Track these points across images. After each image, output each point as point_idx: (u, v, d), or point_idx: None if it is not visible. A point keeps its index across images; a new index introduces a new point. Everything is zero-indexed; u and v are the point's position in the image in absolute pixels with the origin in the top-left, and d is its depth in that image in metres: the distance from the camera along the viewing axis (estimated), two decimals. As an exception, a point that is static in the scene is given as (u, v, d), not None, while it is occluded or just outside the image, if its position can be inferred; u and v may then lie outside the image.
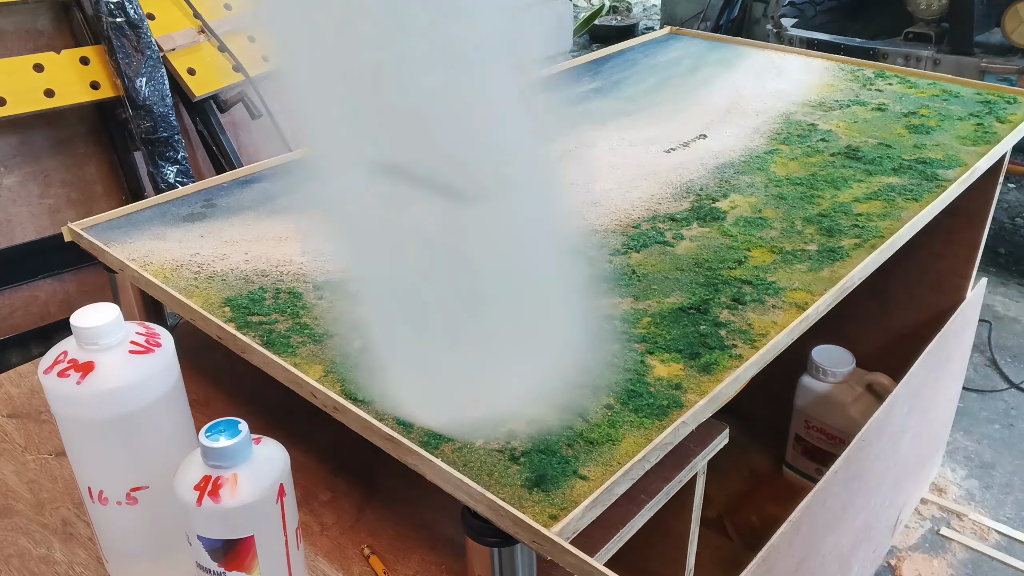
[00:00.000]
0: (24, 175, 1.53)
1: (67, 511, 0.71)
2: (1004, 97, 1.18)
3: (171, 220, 0.91)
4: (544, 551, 0.52)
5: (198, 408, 0.64)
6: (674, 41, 1.46)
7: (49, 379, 0.55)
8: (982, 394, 1.91)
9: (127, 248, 0.85)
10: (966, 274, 1.28)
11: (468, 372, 0.61)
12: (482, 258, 0.58)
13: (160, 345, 0.58)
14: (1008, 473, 1.67)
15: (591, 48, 4.20)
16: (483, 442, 0.59)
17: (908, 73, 1.28)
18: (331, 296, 0.77)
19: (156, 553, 0.61)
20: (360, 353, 0.66)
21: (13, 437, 0.80)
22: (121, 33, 1.52)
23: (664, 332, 0.70)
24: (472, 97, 0.53)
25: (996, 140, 1.04)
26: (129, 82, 1.53)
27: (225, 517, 0.51)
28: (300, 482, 0.68)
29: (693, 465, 0.69)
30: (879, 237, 0.84)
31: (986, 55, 2.37)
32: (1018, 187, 2.75)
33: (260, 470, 0.52)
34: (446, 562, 0.64)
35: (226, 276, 0.80)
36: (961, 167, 0.97)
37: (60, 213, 1.56)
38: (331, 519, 0.69)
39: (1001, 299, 2.27)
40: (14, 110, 1.43)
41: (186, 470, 0.52)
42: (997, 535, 1.52)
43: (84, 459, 0.58)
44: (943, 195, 0.91)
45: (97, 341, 0.55)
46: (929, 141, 1.05)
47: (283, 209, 0.93)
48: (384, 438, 0.59)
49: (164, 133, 1.58)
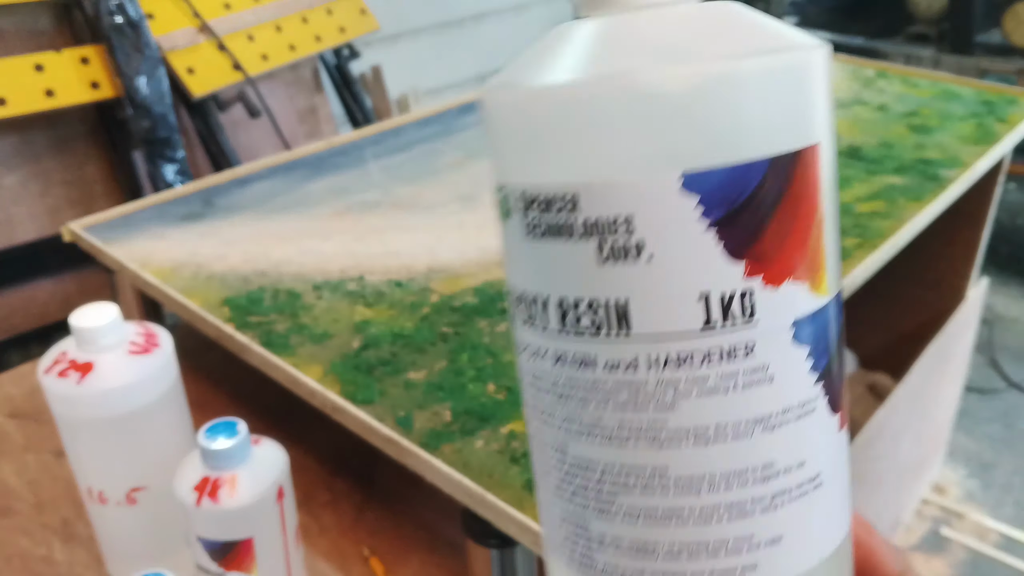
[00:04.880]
0: (24, 175, 1.53)
1: (67, 511, 0.71)
2: (1004, 97, 1.17)
3: (170, 220, 0.91)
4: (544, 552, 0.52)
5: (197, 408, 0.64)
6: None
7: (49, 379, 0.55)
8: (982, 394, 1.91)
9: (126, 248, 0.85)
10: (966, 274, 1.28)
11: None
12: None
13: (159, 345, 0.58)
14: (1008, 473, 1.67)
15: (591, 48, 4.19)
16: (483, 443, 0.59)
17: (909, 73, 1.28)
18: (330, 296, 0.77)
19: (156, 553, 0.61)
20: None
21: (13, 437, 0.80)
22: (121, 33, 1.52)
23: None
24: None
25: (996, 140, 1.04)
26: (129, 82, 1.53)
27: (224, 518, 0.51)
28: (299, 483, 0.68)
29: (693, 466, 0.69)
30: (880, 237, 0.83)
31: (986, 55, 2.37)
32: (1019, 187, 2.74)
33: (259, 471, 0.52)
34: (446, 563, 0.64)
35: (225, 276, 0.80)
36: (961, 167, 0.97)
37: (60, 213, 1.56)
38: (330, 520, 0.69)
39: (1002, 299, 2.27)
40: (14, 110, 1.43)
41: (185, 471, 0.52)
42: (997, 535, 1.52)
43: (83, 459, 0.58)
44: (944, 195, 0.91)
45: (96, 341, 0.55)
46: (930, 141, 1.04)
47: (283, 208, 0.93)
48: (384, 439, 0.59)
49: (163, 133, 1.57)
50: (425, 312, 0.74)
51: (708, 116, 0.21)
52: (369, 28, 2.06)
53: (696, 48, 0.22)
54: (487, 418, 0.61)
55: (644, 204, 0.22)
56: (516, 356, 0.26)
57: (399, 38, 2.81)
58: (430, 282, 0.79)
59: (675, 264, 0.22)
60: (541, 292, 0.24)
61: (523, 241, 0.24)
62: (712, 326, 0.22)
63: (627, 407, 0.23)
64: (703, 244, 0.22)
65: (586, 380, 0.24)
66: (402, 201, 0.94)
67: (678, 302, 0.22)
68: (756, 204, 0.22)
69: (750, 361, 0.23)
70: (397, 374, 0.66)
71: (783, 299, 0.23)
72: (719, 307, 0.22)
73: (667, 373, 0.23)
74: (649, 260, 0.22)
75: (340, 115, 2.14)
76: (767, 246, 0.22)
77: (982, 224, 1.22)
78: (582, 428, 0.24)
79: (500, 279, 0.79)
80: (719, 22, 0.23)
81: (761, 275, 0.22)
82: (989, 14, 2.42)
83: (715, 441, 0.23)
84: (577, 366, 0.24)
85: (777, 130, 0.22)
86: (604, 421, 0.24)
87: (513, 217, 0.24)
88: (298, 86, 1.95)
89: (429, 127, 1.13)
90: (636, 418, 0.23)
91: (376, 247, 0.85)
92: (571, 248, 0.23)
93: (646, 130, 0.22)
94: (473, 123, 1.15)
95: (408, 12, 2.77)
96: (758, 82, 0.22)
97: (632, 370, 0.23)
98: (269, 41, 1.81)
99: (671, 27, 0.23)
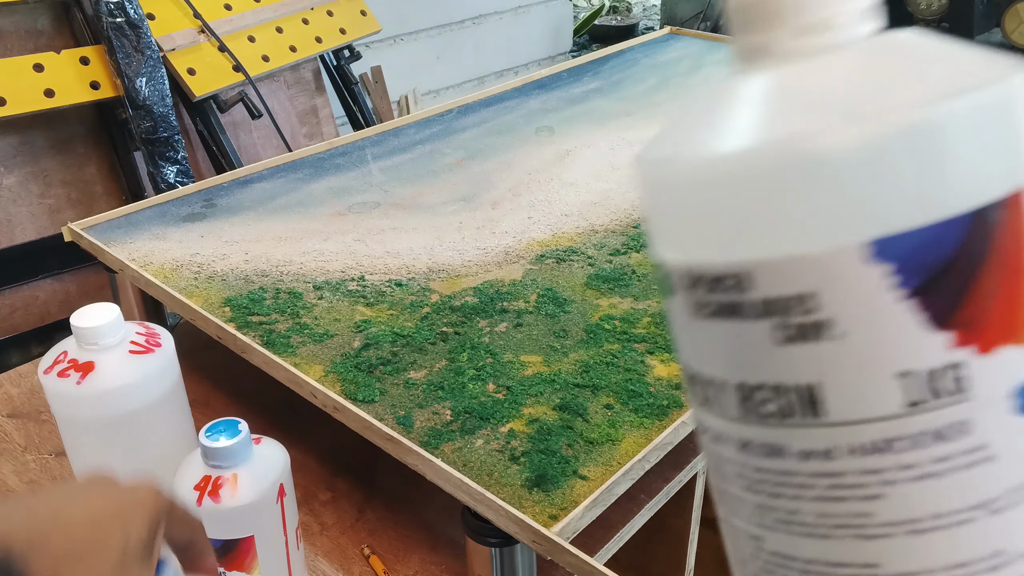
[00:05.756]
0: (24, 175, 1.53)
1: (67, 511, 0.71)
2: (1004, 97, 1.17)
3: (171, 220, 0.91)
4: (544, 551, 0.52)
5: (198, 408, 0.64)
6: (674, 41, 1.46)
7: (49, 379, 0.55)
8: (982, 394, 1.91)
9: (127, 248, 0.85)
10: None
11: None
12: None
13: (160, 345, 0.58)
14: (1008, 473, 1.67)
15: (591, 48, 4.20)
16: (483, 442, 0.59)
17: (908, 73, 1.28)
18: (331, 296, 0.77)
19: (156, 553, 0.61)
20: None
21: (13, 437, 0.80)
22: (121, 33, 1.52)
23: (664, 332, 0.70)
24: None
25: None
26: (129, 82, 1.53)
27: (225, 517, 0.51)
28: (300, 482, 0.68)
29: (693, 465, 0.69)
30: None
31: (986, 55, 2.37)
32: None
33: (260, 470, 0.52)
34: (446, 562, 0.64)
35: (226, 276, 0.80)
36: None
37: (60, 213, 1.56)
38: (331, 519, 0.69)
39: (1001, 299, 2.27)
40: (14, 110, 1.43)
41: (186, 470, 0.52)
42: None
43: (84, 459, 0.58)
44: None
45: (97, 341, 0.55)
46: (929, 141, 1.04)
47: (283, 209, 0.93)
48: (384, 438, 0.59)
49: (164, 133, 1.58)
50: (425, 312, 0.74)
51: (898, 174, 0.19)
52: (370, 30, 2.06)
53: (878, 97, 0.20)
54: (487, 417, 0.61)
55: (830, 278, 0.20)
56: (698, 436, 0.24)
57: (400, 39, 2.81)
58: (430, 282, 0.79)
59: (870, 341, 0.20)
60: (716, 375, 0.22)
61: (691, 320, 0.22)
62: (918, 406, 0.20)
63: (826, 499, 0.21)
64: (901, 316, 0.19)
65: (777, 469, 0.22)
66: (402, 201, 0.95)
67: (877, 383, 0.20)
68: (959, 265, 0.19)
69: (966, 441, 0.20)
70: (397, 374, 0.66)
71: (999, 367, 0.20)
72: (925, 384, 0.20)
73: (870, 461, 0.20)
74: (840, 339, 0.20)
75: (341, 116, 2.14)
76: (976, 310, 0.20)
77: (982, 224, 1.22)
78: (778, 520, 0.22)
79: (499, 279, 0.79)
80: (898, 60, 0.21)
81: (971, 343, 0.20)
82: (989, 14, 2.42)
83: (933, 531, 0.20)
84: (765, 455, 0.22)
85: (979, 178, 0.19)
86: (801, 514, 0.21)
87: (678, 295, 0.22)
88: (299, 87, 1.96)
89: (429, 128, 1.13)
90: (838, 510, 0.21)
91: (376, 247, 0.85)
92: (748, 329, 0.21)
93: (830, 197, 0.19)
94: (473, 124, 1.15)
95: (409, 14, 2.77)
96: (953, 128, 0.19)
97: (828, 459, 0.21)
98: (270, 42, 1.81)
99: (846, 75, 0.21)
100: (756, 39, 0.22)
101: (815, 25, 0.21)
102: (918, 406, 0.20)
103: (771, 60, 0.22)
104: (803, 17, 0.21)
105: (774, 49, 0.22)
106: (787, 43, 0.21)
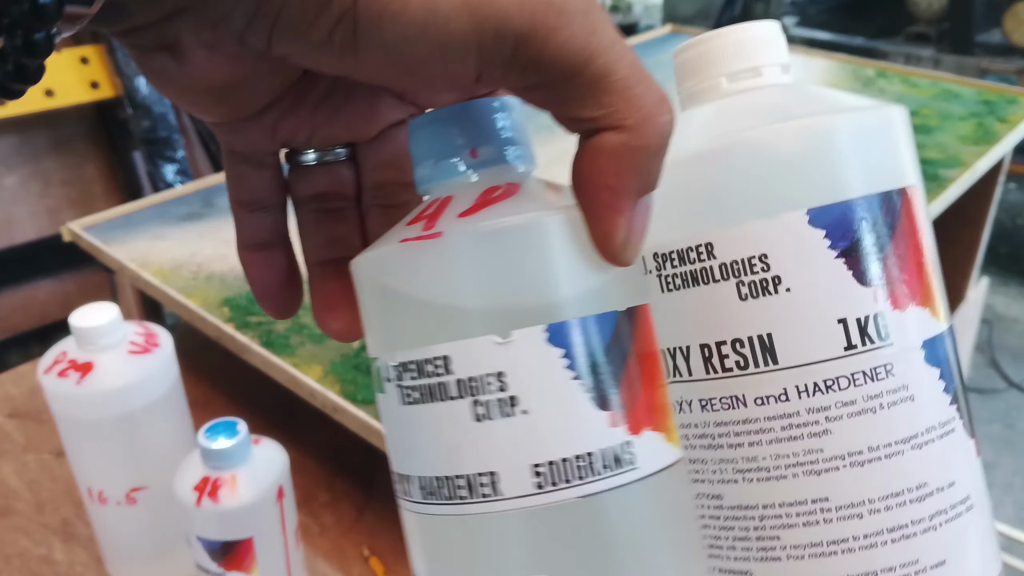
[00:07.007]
0: (24, 175, 1.53)
1: (67, 511, 0.71)
2: (1004, 97, 1.17)
3: (170, 220, 0.91)
4: (544, 552, 0.52)
5: (197, 408, 0.64)
6: (675, 39, 1.46)
7: (49, 379, 0.55)
8: (982, 394, 1.91)
9: (126, 248, 0.85)
10: (967, 274, 1.27)
11: None
12: None
13: (159, 345, 0.58)
14: (1008, 473, 1.67)
15: (591, 48, 4.19)
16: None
17: (909, 73, 1.28)
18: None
19: (156, 553, 0.61)
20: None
21: (13, 437, 0.80)
22: (121, 33, 1.52)
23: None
24: None
25: (996, 140, 1.04)
26: (128, 82, 1.53)
27: (224, 518, 0.51)
28: (299, 483, 0.68)
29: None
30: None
31: (986, 55, 2.37)
32: (1019, 187, 2.75)
33: (259, 471, 0.52)
34: (446, 563, 0.64)
35: (225, 276, 0.80)
36: (962, 167, 0.97)
37: (60, 213, 1.56)
38: (330, 520, 0.69)
39: (1002, 299, 2.27)
40: (14, 110, 1.43)
41: (185, 471, 0.52)
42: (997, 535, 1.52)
43: (83, 459, 0.58)
44: (944, 195, 0.91)
45: (96, 341, 0.55)
46: (930, 141, 1.04)
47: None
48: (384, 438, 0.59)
49: (163, 133, 1.58)
50: (425, 312, 0.74)
51: (821, 160, 0.24)
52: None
53: (796, 110, 0.25)
54: (487, 418, 0.61)
55: (777, 241, 0.24)
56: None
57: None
58: (430, 282, 0.79)
59: (813, 292, 0.24)
60: (682, 342, 0.25)
61: (659, 297, 0.26)
62: (853, 349, 0.24)
63: (782, 440, 0.24)
64: (835, 272, 0.24)
65: (736, 420, 0.25)
66: (402, 201, 0.94)
67: (820, 329, 0.24)
68: (874, 234, 0.24)
69: (891, 381, 0.24)
70: (397, 374, 0.66)
71: (910, 321, 0.24)
72: (857, 330, 0.24)
73: (817, 399, 0.24)
74: (788, 292, 0.24)
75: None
76: (890, 273, 0.24)
77: (982, 224, 1.22)
78: (737, 471, 0.25)
79: (500, 279, 0.79)
80: (807, 94, 0.27)
81: (889, 299, 0.24)
82: (989, 14, 2.42)
83: (870, 463, 0.24)
84: (726, 407, 0.25)
85: (878, 171, 0.25)
86: (760, 458, 0.25)
87: (650, 274, 0.26)
88: (298, 86, 1.95)
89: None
90: (792, 449, 0.24)
91: (376, 247, 0.85)
92: (712, 291, 0.24)
93: (773, 177, 0.24)
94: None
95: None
96: (855, 131, 0.25)
97: (783, 401, 0.24)
98: (269, 41, 1.81)
99: (770, 100, 0.26)
100: (700, 83, 0.28)
101: (745, 71, 0.27)
102: (853, 348, 0.24)
103: (711, 97, 0.28)
104: (737, 65, 0.28)
105: (714, 90, 0.28)
106: (724, 85, 0.27)
